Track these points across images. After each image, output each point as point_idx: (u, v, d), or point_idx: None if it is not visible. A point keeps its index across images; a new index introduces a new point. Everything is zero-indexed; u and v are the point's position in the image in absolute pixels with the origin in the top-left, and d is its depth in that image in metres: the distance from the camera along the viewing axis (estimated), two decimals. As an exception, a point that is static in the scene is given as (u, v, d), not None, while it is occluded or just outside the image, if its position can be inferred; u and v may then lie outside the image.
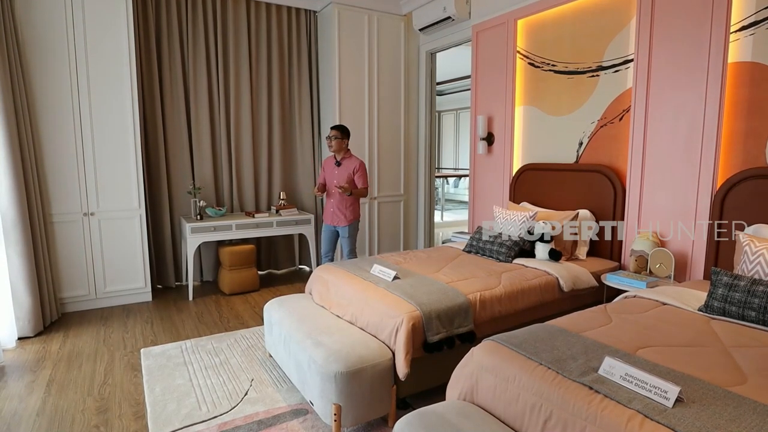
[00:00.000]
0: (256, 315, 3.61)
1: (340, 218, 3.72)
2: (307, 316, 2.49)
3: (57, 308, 3.50)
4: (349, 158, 3.71)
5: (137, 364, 2.79)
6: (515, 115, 3.80)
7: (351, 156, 3.73)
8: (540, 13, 3.52)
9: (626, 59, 3.01)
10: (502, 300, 2.45)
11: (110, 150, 3.65)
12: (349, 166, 3.68)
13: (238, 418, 2.18)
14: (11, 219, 3.08)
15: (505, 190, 3.91)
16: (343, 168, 3.69)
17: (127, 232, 3.78)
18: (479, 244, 3.18)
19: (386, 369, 2.06)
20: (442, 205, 8.97)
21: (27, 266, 3.15)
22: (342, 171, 3.69)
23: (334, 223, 3.75)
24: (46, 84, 3.41)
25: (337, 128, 3.68)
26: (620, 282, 2.70)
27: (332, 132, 3.66)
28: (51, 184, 3.49)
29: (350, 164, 3.69)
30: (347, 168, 3.68)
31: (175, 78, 4.14)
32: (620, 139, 3.08)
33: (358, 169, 3.67)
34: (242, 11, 4.35)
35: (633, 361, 1.52)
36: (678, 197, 2.76)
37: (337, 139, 3.64)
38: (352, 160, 3.70)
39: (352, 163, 3.69)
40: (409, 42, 4.87)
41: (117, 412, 2.28)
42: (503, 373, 1.60)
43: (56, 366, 2.76)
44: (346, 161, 3.70)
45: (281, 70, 4.61)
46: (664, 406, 1.27)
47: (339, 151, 3.68)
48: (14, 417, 2.22)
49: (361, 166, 3.69)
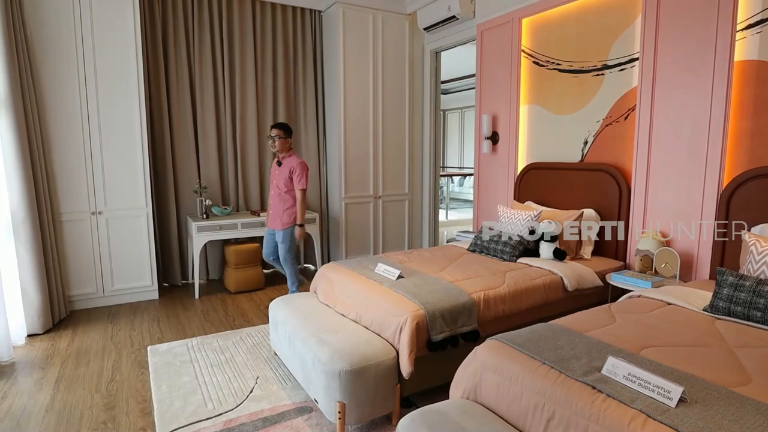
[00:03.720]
0: (262, 313, 3.63)
1: (276, 222, 3.55)
2: (311, 314, 2.51)
3: (65, 306, 3.55)
4: (290, 158, 3.52)
5: (144, 361, 2.82)
6: (520, 114, 3.79)
7: (292, 155, 3.54)
8: (544, 11, 3.51)
9: (631, 58, 3.00)
10: (506, 299, 2.45)
11: (117, 149, 3.69)
12: (288, 166, 3.48)
13: (243, 416, 2.21)
14: (21, 218, 3.12)
15: (510, 189, 3.91)
16: (282, 168, 3.51)
17: (134, 231, 3.82)
18: (483, 243, 3.18)
19: (390, 367, 2.07)
20: (447, 204, 8.97)
21: (36, 264, 3.20)
22: (281, 172, 3.52)
23: (272, 227, 3.60)
24: (54, 84, 3.45)
25: (279, 127, 3.49)
26: (625, 282, 2.69)
27: (274, 131, 3.47)
28: (60, 184, 3.53)
29: (289, 164, 3.49)
30: (286, 168, 3.50)
31: (182, 77, 4.17)
32: (625, 138, 3.07)
33: (297, 169, 3.46)
34: (248, 11, 4.37)
35: (636, 361, 1.52)
36: (684, 196, 2.75)
37: (280, 138, 3.46)
38: (292, 160, 3.50)
39: (291, 162, 3.49)
40: (413, 41, 4.87)
41: (124, 408, 2.31)
42: (506, 372, 1.61)
43: (65, 363, 2.80)
44: (286, 161, 3.51)
45: (286, 69, 4.62)
46: (667, 406, 1.28)
47: (282, 150, 3.50)
48: (24, 413, 2.26)
49: (300, 165, 3.47)
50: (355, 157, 4.69)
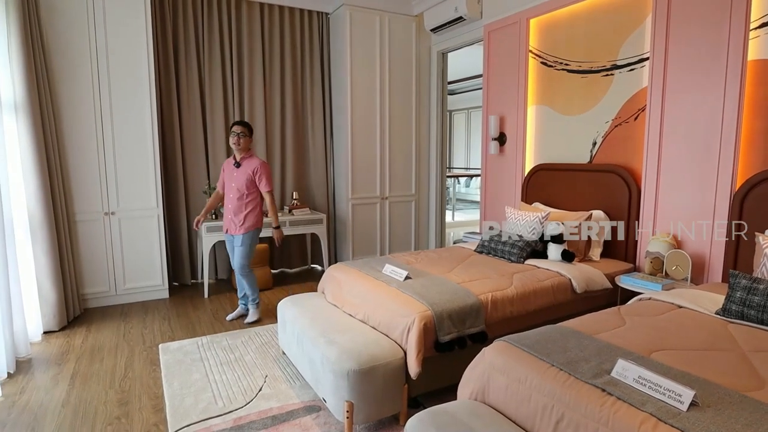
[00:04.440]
0: (270, 313, 3.66)
1: (235, 226, 3.32)
2: (320, 314, 2.52)
3: (80, 304, 3.61)
4: (250, 158, 3.31)
5: (156, 358, 2.86)
6: (528, 115, 3.78)
7: (252, 156, 3.33)
8: (553, 12, 3.49)
9: (641, 58, 2.97)
10: (513, 301, 2.45)
11: (130, 152, 3.74)
12: (249, 167, 3.28)
13: (252, 413, 2.23)
14: (38, 219, 3.18)
15: (518, 190, 3.90)
16: (242, 170, 3.28)
17: (145, 231, 3.87)
18: (491, 245, 3.18)
19: (398, 368, 2.08)
20: (453, 205, 8.95)
21: (52, 263, 3.25)
22: (241, 173, 3.28)
23: (231, 231, 3.36)
24: (69, 89, 3.51)
25: (244, 124, 3.30)
26: (635, 284, 2.67)
27: (238, 128, 3.25)
28: (74, 185, 3.59)
29: (250, 165, 3.28)
30: (247, 169, 3.28)
31: (192, 80, 4.21)
32: (635, 138, 3.04)
33: (260, 171, 3.26)
34: (256, 14, 4.40)
35: (647, 364, 1.51)
36: (695, 198, 2.72)
37: (244, 136, 3.25)
38: (253, 161, 3.29)
39: (252, 163, 3.28)
40: (420, 42, 4.88)
41: (137, 404, 2.35)
42: (515, 374, 1.61)
43: (79, 359, 2.85)
44: (246, 161, 3.29)
45: (294, 71, 4.65)
46: (678, 410, 1.27)
47: (244, 150, 3.29)
48: (41, 408, 2.31)
49: (262, 167, 3.28)
50: (362, 158, 4.71)
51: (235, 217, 3.33)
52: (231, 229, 3.37)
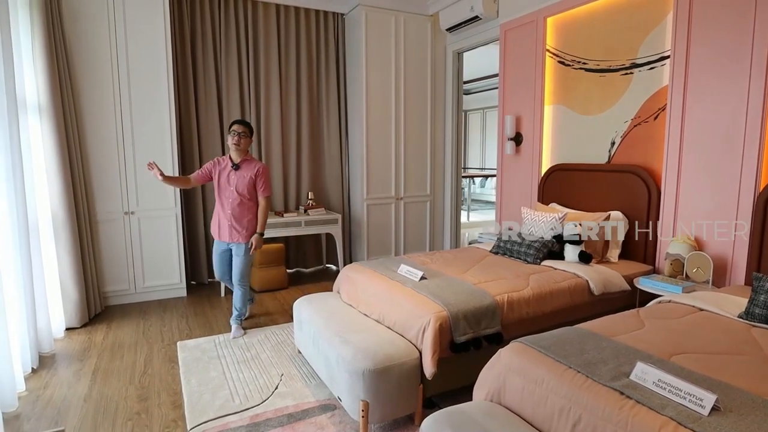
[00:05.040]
0: (285, 312, 3.69)
1: (238, 233, 3.11)
2: (335, 314, 2.54)
3: (101, 301, 3.69)
4: (249, 161, 3.14)
5: (174, 356, 2.91)
6: (544, 115, 3.74)
7: (251, 158, 3.17)
8: (570, 10, 3.45)
9: (662, 56, 2.92)
10: (530, 302, 2.43)
11: (148, 152, 3.81)
12: (249, 169, 3.10)
13: (269, 411, 2.26)
14: (61, 219, 3.27)
15: (534, 190, 3.86)
16: (242, 173, 3.09)
17: (163, 231, 3.94)
18: (507, 245, 3.16)
19: (413, 368, 2.08)
20: (468, 206, 8.91)
21: (74, 262, 3.34)
22: (241, 176, 3.09)
23: (232, 239, 3.12)
24: (91, 91, 3.59)
25: (244, 124, 3.12)
26: (654, 286, 2.62)
27: (240, 127, 3.07)
28: (96, 186, 3.68)
29: (250, 168, 3.10)
30: (247, 172, 3.09)
31: (209, 82, 4.28)
32: (655, 138, 2.99)
33: (261, 174, 3.10)
34: (272, 15, 4.45)
35: (667, 367, 1.49)
36: (717, 199, 2.66)
37: (246, 136, 3.09)
38: (252, 164, 3.13)
39: (253, 166, 3.11)
40: (435, 42, 4.87)
41: (156, 400, 2.40)
42: (531, 376, 1.60)
43: (101, 355, 2.92)
44: (245, 164, 3.11)
45: (309, 72, 4.69)
46: (699, 414, 1.25)
47: (244, 151, 3.13)
48: (64, 402, 2.37)
49: (264, 170, 3.13)
50: (377, 158, 4.72)
51: (238, 224, 3.10)
52: (232, 236, 3.11)
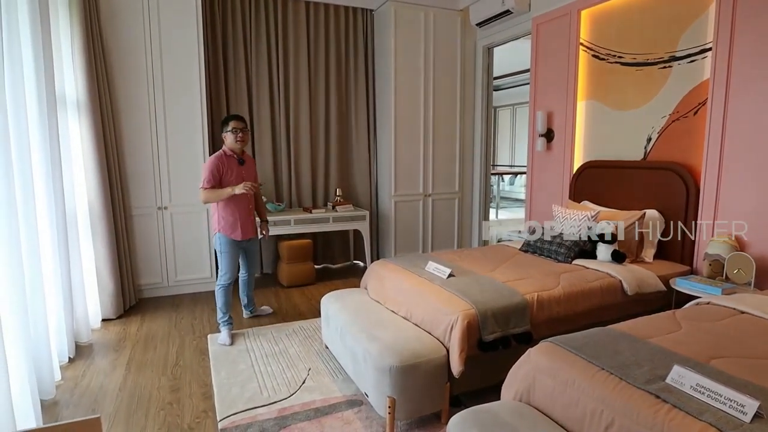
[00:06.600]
0: (313, 307, 3.74)
1: (255, 227, 3.20)
2: (362, 310, 2.55)
3: (135, 294, 3.83)
4: (247, 155, 3.21)
5: (204, 348, 2.99)
6: (577, 111, 3.65)
7: (245, 152, 3.22)
8: (606, 2, 3.35)
9: (703, 48, 2.80)
10: (560, 301, 2.38)
11: (181, 149, 3.93)
12: (250, 161, 3.21)
13: (296, 405, 2.29)
14: (98, 213, 3.41)
15: (565, 188, 3.77)
16: (248, 166, 3.15)
17: (195, 225, 4.05)
18: (537, 244, 3.10)
19: (440, 365, 2.07)
20: (497, 203, 8.79)
21: (110, 255, 3.47)
22: (249, 170, 3.15)
23: (251, 235, 3.15)
24: (126, 88, 3.72)
25: (242, 118, 3.11)
26: (692, 287, 2.52)
27: (241, 123, 3.07)
28: (131, 181, 3.81)
29: (249, 159, 3.21)
30: (250, 164, 3.19)
31: (239, 79, 4.36)
32: (694, 134, 2.87)
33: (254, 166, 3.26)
34: (302, 13, 4.50)
35: (705, 371, 1.43)
36: (760, 197, 2.53)
37: (248, 130, 3.12)
38: (246, 155, 3.19)
39: (248, 157, 3.21)
40: (465, 37, 4.81)
41: (188, 391, 2.47)
42: (562, 376, 1.57)
43: (135, 346, 3.02)
44: (247, 157, 3.19)
45: (338, 68, 4.72)
46: (740, 421, 1.19)
47: (244, 146, 3.13)
48: (101, 390, 2.47)
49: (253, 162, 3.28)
50: (406, 155, 4.71)
51: (252, 218, 3.18)
52: (252, 231, 3.16)
